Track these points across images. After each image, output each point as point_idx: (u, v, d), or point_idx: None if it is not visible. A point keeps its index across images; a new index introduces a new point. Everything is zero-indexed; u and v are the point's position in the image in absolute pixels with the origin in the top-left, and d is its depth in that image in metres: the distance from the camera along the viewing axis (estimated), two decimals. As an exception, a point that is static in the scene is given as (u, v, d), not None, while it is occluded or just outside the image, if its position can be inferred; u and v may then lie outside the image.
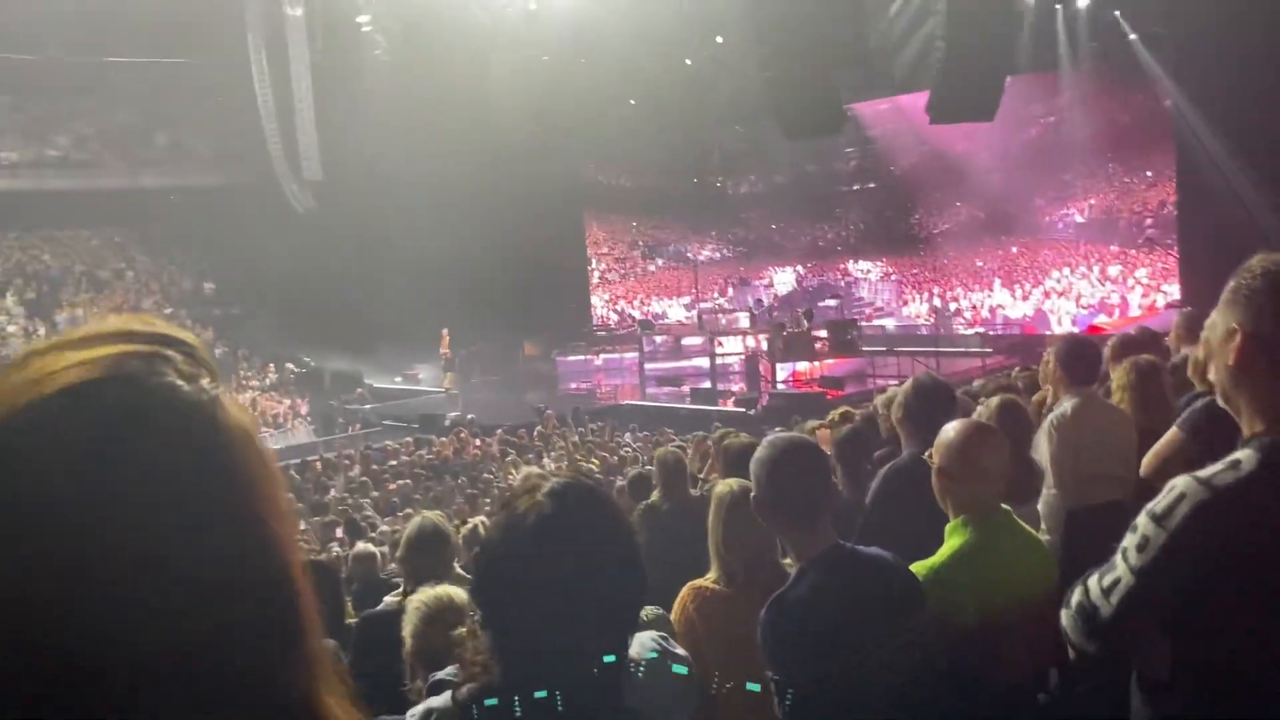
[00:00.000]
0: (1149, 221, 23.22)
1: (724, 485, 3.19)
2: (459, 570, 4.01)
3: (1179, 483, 1.72)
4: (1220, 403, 1.88)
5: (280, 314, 30.27)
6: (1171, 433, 3.86)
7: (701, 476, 6.65)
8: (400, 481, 13.93)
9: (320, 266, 27.19)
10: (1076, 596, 1.86)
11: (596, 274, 34.16)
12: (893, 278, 29.22)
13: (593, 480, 1.80)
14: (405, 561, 4.00)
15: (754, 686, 2.68)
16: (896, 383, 16.29)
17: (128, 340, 0.73)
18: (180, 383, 0.71)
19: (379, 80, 26.30)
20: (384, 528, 9.74)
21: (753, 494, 2.54)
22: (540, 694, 1.43)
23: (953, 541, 2.69)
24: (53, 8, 26.88)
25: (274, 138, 28.25)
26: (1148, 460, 3.92)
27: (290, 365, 29.47)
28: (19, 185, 30.50)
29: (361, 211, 27.40)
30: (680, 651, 1.75)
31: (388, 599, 3.98)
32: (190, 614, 0.66)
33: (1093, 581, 1.82)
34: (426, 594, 2.93)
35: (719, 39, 25.59)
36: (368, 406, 25.64)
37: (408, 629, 2.85)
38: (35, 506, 0.63)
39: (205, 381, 0.73)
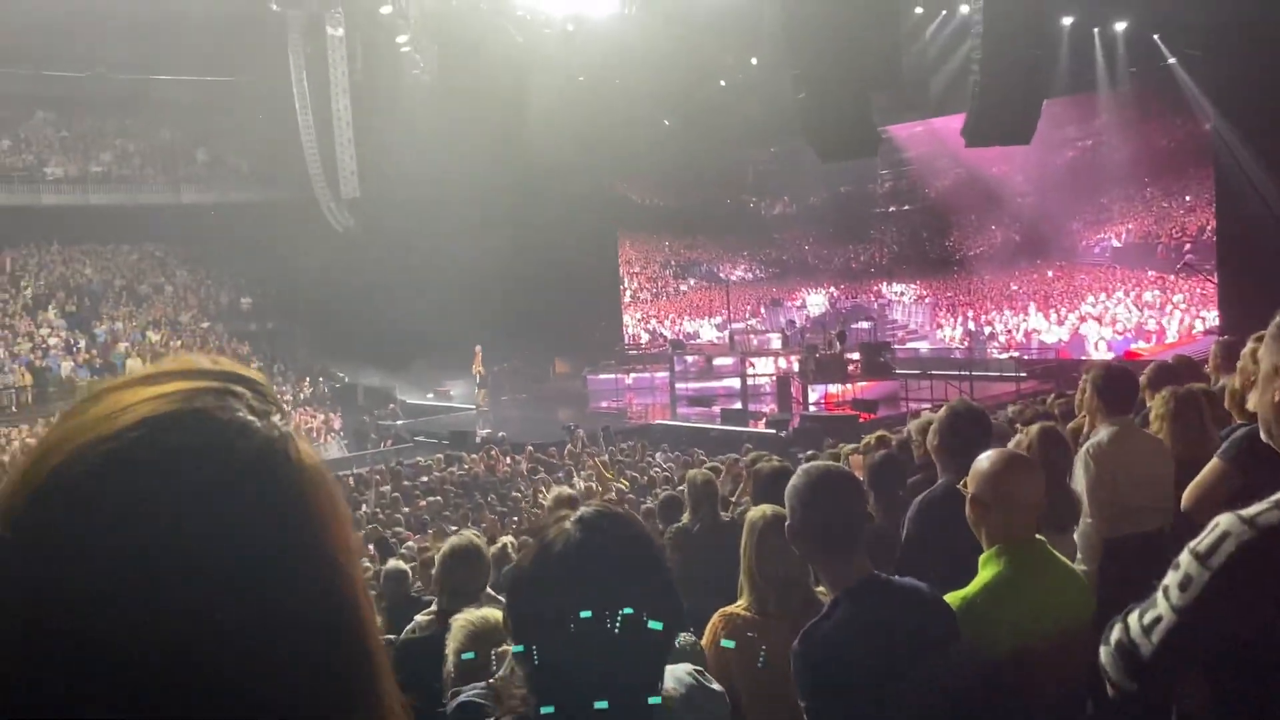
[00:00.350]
0: (1188, 247, 22.94)
1: (757, 511, 3.17)
2: (489, 590, 4.01)
3: (1223, 521, 1.69)
4: (1263, 437, 1.85)
5: (315, 329, 30.59)
6: (1213, 464, 3.80)
7: (733, 500, 6.62)
8: (431, 498, 13.97)
9: (355, 283, 27.47)
10: (1116, 634, 1.83)
11: (628, 293, 34.23)
12: (926, 300, 29.05)
13: (623, 508, 1.79)
14: (440, 580, 4.00)
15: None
16: (930, 406, 16.18)
17: (197, 377, 0.73)
18: (252, 419, 0.70)
19: (417, 100, 26.62)
20: (412, 544, 9.76)
21: (787, 522, 2.52)
22: None
23: (987, 572, 2.65)
24: (101, 27, 27.43)
25: (313, 155, 28.65)
26: (1189, 492, 3.85)
27: (324, 380, 29.72)
28: (63, 200, 31.10)
29: (397, 229, 27.67)
30: (716, 687, 1.73)
31: (418, 618, 3.97)
32: (260, 656, 0.64)
33: (1133, 619, 1.79)
34: (472, 615, 2.92)
35: (753, 60, 25.69)
36: (399, 422, 25.79)
37: (452, 647, 2.84)
38: (106, 541, 0.62)
39: (276, 418, 0.73)
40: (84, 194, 31.56)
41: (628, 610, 1.44)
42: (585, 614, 1.43)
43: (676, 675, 1.66)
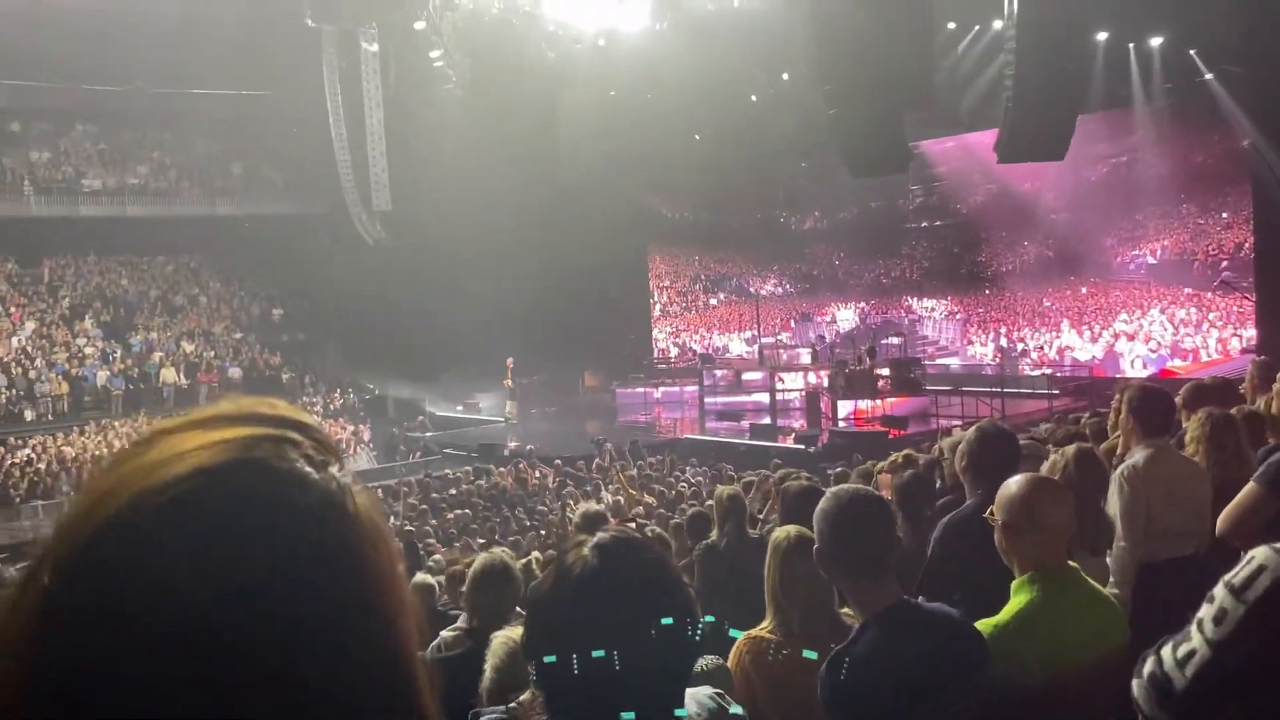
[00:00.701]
0: (1225, 264, 22.66)
1: (782, 532, 3.15)
2: (519, 609, 4.01)
3: (1258, 554, 1.67)
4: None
5: (346, 341, 30.82)
6: (1249, 488, 3.73)
7: (761, 517, 6.60)
8: (459, 511, 14.00)
9: (386, 295, 27.67)
10: (1149, 666, 1.80)
11: (658, 307, 34.26)
12: (958, 316, 28.88)
13: (648, 528, 1.79)
14: (471, 599, 4.00)
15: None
16: (960, 424, 16.04)
17: (255, 422, 0.71)
18: (310, 470, 0.69)
19: (449, 114, 26.84)
20: (439, 557, 9.77)
21: (815, 546, 2.51)
22: None
23: (1018, 599, 2.62)
24: (139, 41, 27.88)
25: (346, 169, 28.93)
26: (1224, 516, 3.79)
27: (354, 392, 29.93)
28: (101, 212, 31.56)
29: (428, 242, 27.86)
30: (737, 710, 1.72)
31: (444, 634, 3.97)
32: (308, 714, 0.63)
33: (1166, 651, 1.77)
34: (514, 633, 2.92)
35: (785, 76, 25.70)
36: (428, 434, 25.91)
37: (491, 663, 2.84)
38: (154, 600, 0.61)
39: (334, 469, 0.71)
40: (121, 206, 32.02)
41: (649, 635, 1.44)
42: (601, 647, 1.43)
43: (698, 698, 1.65)
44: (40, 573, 0.64)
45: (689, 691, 1.60)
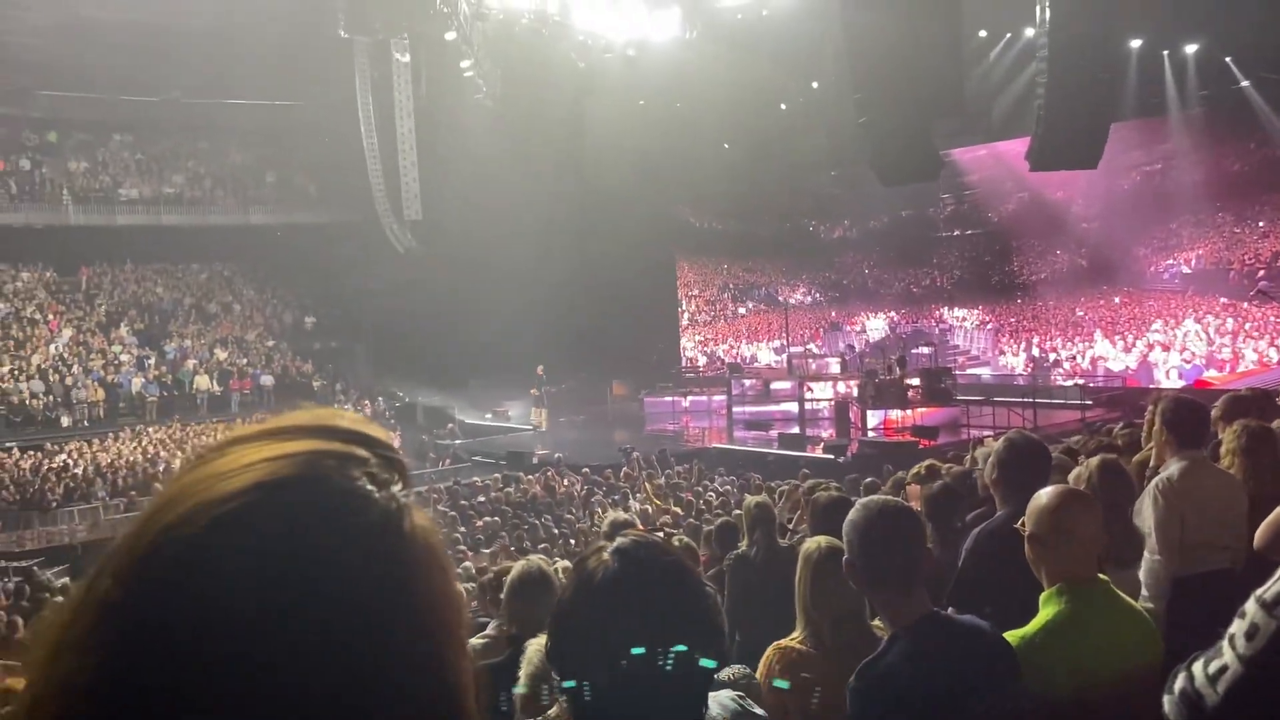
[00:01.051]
0: (1261, 273, 22.35)
1: (813, 542, 3.15)
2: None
3: (1292, 568, 1.65)
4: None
5: (376, 349, 31.06)
6: (1286, 502, 3.69)
7: (790, 527, 6.58)
8: (487, 518, 14.06)
9: (416, 304, 27.86)
10: (1180, 682, 1.79)
11: (686, 315, 34.26)
12: (989, 326, 28.67)
13: (661, 538, 1.80)
14: (509, 604, 4.02)
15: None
16: (992, 434, 15.91)
17: (324, 435, 0.71)
18: (372, 489, 0.69)
19: (479, 124, 27.00)
20: (469, 564, 9.81)
21: (845, 557, 2.51)
22: None
23: (1047, 612, 2.61)
24: (176, 53, 28.28)
25: (377, 178, 29.17)
26: (1262, 531, 3.74)
27: (384, 399, 30.12)
28: (136, 220, 32.02)
29: (458, 251, 28.02)
30: (759, 712, 1.73)
31: (473, 641, 3.99)
32: None
33: (1198, 667, 1.75)
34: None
35: (814, 85, 25.67)
36: (458, 442, 26.02)
37: (527, 671, 2.86)
38: (204, 608, 0.61)
39: (397, 488, 0.71)
40: (157, 215, 32.48)
41: (678, 648, 1.45)
42: (635, 650, 1.44)
43: (720, 700, 1.66)
44: (102, 576, 0.65)
45: (711, 695, 1.61)
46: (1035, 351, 26.98)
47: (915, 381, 21.56)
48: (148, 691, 0.60)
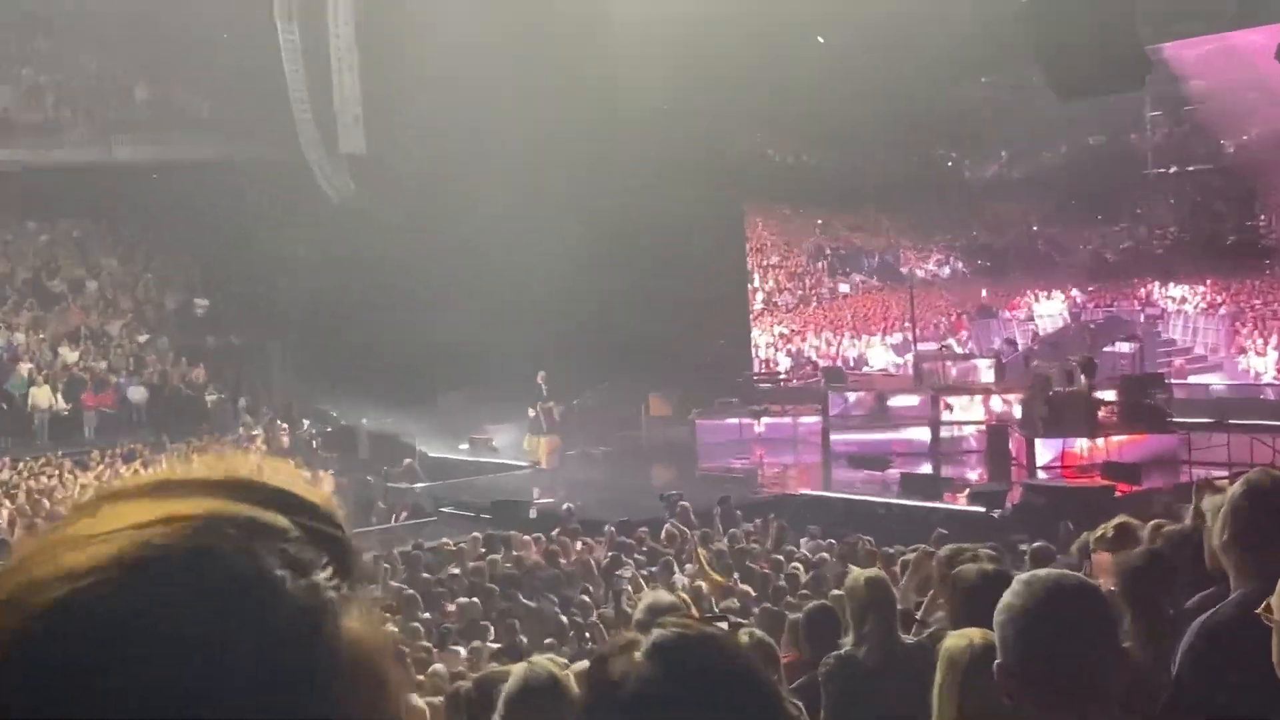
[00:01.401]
0: None
1: (959, 638, 3.18)
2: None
3: None
4: None
5: (300, 347, 31.15)
6: None
7: (919, 615, 6.58)
8: (462, 599, 14.14)
9: (357, 281, 27.97)
10: None
11: (760, 296, 34.21)
12: (1222, 311, 28.47)
13: (722, 630, 1.81)
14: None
15: None
16: (1227, 475, 15.80)
17: (231, 493, 0.72)
18: (283, 573, 0.69)
19: (453, 18, 26.93)
20: (439, 667, 9.90)
21: (998, 660, 2.53)
22: None
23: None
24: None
25: (300, 93, 29.23)
26: None
27: (310, 421, 30.26)
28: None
29: (419, 205, 28.12)
30: None
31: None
32: None
33: None
34: None
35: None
36: (419, 486, 26.15)
37: None
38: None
39: (323, 575, 0.71)
40: (-31, 147, 32.64)
41: None
42: None
43: None
44: None
45: None
46: (1293, 350, 26.81)
47: (1110, 396, 21.43)
48: None
